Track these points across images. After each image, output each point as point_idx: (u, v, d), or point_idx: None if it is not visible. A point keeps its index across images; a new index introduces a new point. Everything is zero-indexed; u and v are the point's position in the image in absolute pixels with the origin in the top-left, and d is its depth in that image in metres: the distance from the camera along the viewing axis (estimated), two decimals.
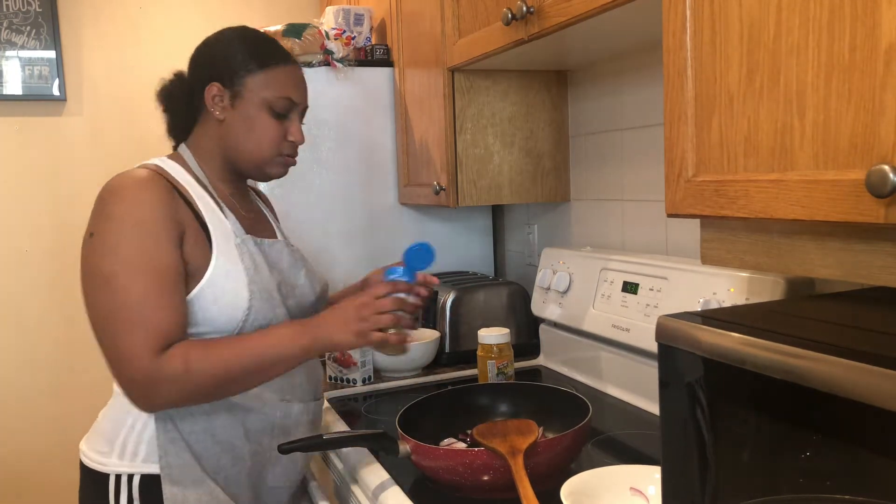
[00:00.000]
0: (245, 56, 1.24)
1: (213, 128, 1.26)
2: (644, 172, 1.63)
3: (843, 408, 0.59)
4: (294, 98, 1.27)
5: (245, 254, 1.21)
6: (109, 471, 1.19)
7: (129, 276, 1.09)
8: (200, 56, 1.28)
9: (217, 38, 1.29)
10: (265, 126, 1.24)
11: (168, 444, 1.16)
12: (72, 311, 2.80)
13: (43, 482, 2.77)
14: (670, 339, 0.77)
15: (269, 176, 1.30)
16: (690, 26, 0.82)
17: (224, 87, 1.24)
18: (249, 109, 1.24)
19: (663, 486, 0.81)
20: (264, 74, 1.24)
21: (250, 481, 1.24)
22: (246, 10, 2.97)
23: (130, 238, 1.11)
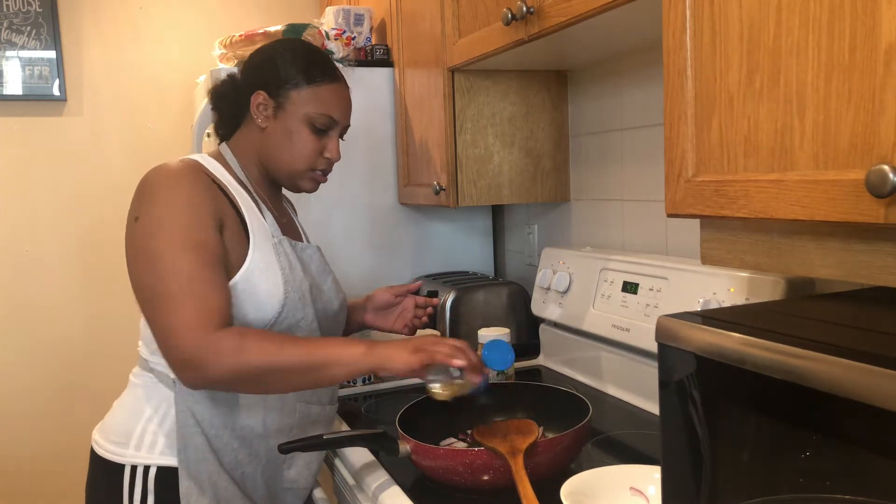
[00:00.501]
0: (294, 70, 1.26)
1: (254, 133, 1.29)
2: (644, 172, 1.63)
3: (843, 408, 0.59)
4: (335, 116, 1.29)
5: (281, 254, 1.23)
6: (125, 461, 1.19)
7: (176, 254, 1.10)
8: (253, 62, 1.32)
9: (272, 47, 1.31)
10: (304, 140, 1.26)
11: (187, 436, 1.17)
12: (74, 309, 2.81)
13: (52, 479, 2.78)
14: (670, 339, 0.77)
15: (299, 189, 1.33)
16: (690, 26, 0.82)
17: (269, 97, 1.26)
18: (291, 122, 1.26)
19: (663, 486, 0.81)
20: (310, 90, 1.26)
21: (265, 480, 1.26)
22: (246, 11, 2.97)
23: (175, 218, 1.12)
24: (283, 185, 1.33)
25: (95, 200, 2.81)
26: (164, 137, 2.88)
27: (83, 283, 2.82)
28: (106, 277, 2.83)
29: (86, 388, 2.80)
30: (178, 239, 1.10)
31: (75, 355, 2.81)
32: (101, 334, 2.84)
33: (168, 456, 1.18)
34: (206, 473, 1.18)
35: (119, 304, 2.83)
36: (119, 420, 1.24)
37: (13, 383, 2.75)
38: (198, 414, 1.18)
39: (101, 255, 2.82)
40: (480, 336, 1.63)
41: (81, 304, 2.82)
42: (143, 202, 1.15)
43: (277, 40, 1.35)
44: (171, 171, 1.17)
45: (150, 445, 1.19)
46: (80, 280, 2.81)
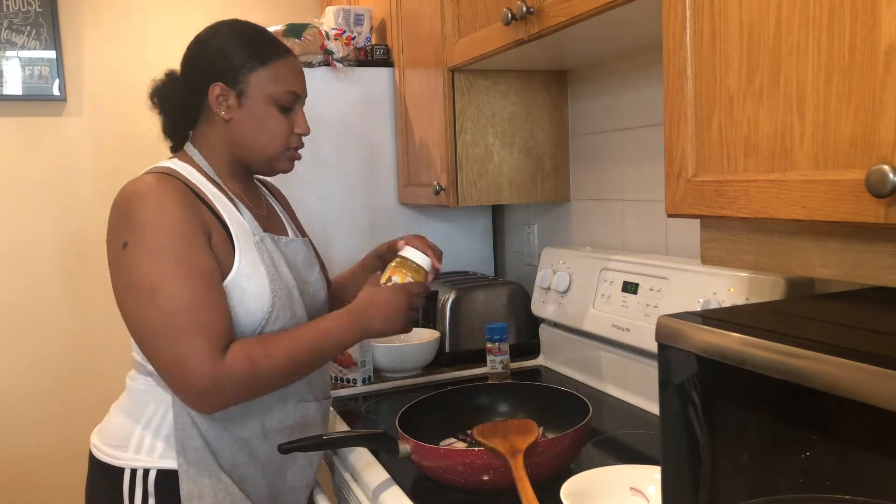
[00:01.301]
0: (245, 52, 1.22)
1: (218, 127, 1.25)
2: (644, 172, 1.63)
3: (843, 408, 0.59)
4: (298, 90, 1.26)
5: (264, 252, 1.22)
6: (124, 465, 1.18)
7: (175, 283, 1.08)
8: (196, 55, 1.26)
9: (212, 34, 1.26)
10: (274, 122, 1.23)
11: (186, 439, 1.16)
12: (72, 310, 2.81)
13: (51, 482, 2.77)
14: (670, 339, 0.77)
15: (275, 171, 1.29)
16: (690, 26, 0.82)
17: (228, 87, 1.21)
18: (256, 107, 1.22)
19: (663, 486, 0.81)
20: (267, 70, 1.22)
21: (266, 480, 1.25)
22: (246, 11, 2.97)
23: (167, 245, 1.10)
24: (259, 171, 1.30)
25: (95, 200, 2.81)
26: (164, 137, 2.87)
27: (83, 283, 2.81)
28: (105, 278, 2.82)
29: (83, 391, 2.80)
30: (174, 266, 1.09)
31: (74, 357, 2.81)
32: (100, 335, 2.84)
33: (167, 459, 1.17)
34: (206, 475, 1.17)
35: None
36: (117, 424, 1.23)
37: (10, 386, 2.75)
38: (196, 417, 1.17)
39: (101, 255, 2.80)
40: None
41: (80, 305, 2.82)
42: (128, 226, 1.12)
43: (211, 26, 1.28)
44: (148, 189, 1.13)
45: (149, 448, 1.18)
46: (79, 280, 2.81)
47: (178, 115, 1.29)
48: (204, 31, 1.28)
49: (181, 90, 1.27)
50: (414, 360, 1.83)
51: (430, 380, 1.82)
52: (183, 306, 1.08)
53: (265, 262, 1.21)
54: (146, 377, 1.22)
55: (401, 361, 1.82)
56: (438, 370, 1.89)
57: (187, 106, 1.27)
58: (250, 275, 1.18)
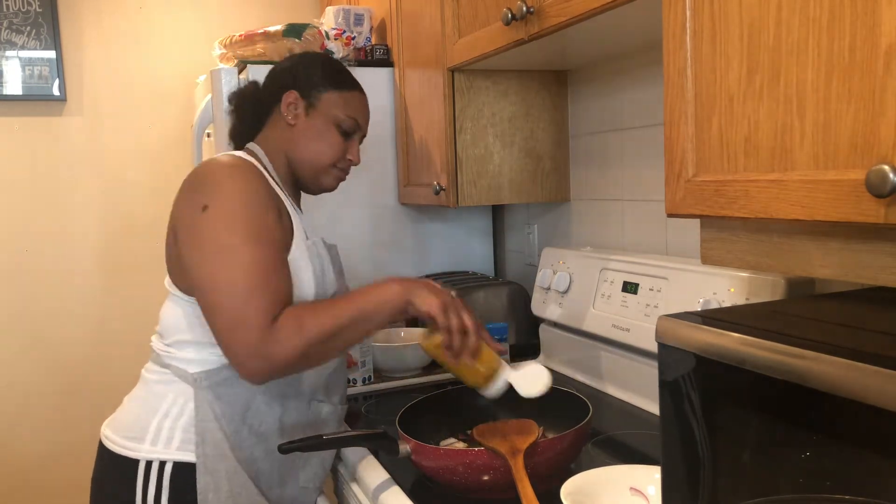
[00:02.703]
0: (325, 76, 1.35)
1: (282, 131, 1.34)
2: (644, 172, 1.63)
3: (843, 408, 0.59)
4: (360, 122, 1.38)
5: (315, 255, 1.27)
6: (140, 457, 1.19)
7: (249, 245, 1.12)
8: (283, 68, 1.38)
9: (302, 56, 1.41)
10: (331, 139, 1.34)
11: (206, 431, 1.18)
12: (74, 309, 2.81)
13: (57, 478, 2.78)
14: (670, 339, 0.77)
15: (321, 187, 1.38)
16: (690, 26, 0.82)
17: (301, 97, 1.33)
18: (320, 121, 1.33)
19: (663, 486, 0.81)
20: (339, 95, 1.35)
21: (280, 477, 1.27)
22: (246, 11, 2.97)
23: (247, 210, 1.15)
24: (306, 182, 1.37)
25: (95, 200, 2.81)
26: (164, 137, 2.88)
27: (84, 282, 2.82)
28: (107, 276, 2.83)
29: (83, 390, 2.80)
30: (253, 232, 1.13)
31: (79, 355, 2.81)
32: (105, 333, 2.84)
33: (184, 451, 1.19)
34: (223, 469, 1.18)
35: (121, 303, 2.83)
36: (133, 415, 1.24)
37: (9, 384, 2.75)
38: (217, 409, 1.19)
39: (101, 254, 2.82)
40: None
41: (83, 304, 2.82)
42: (209, 192, 1.16)
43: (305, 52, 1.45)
44: (229, 164, 1.20)
45: (166, 441, 1.19)
46: (80, 280, 2.81)
47: (248, 119, 1.39)
48: (298, 53, 1.44)
49: (257, 96, 1.38)
50: (414, 360, 1.83)
51: (430, 380, 1.82)
52: (252, 268, 1.11)
53: (314, 264, 1.25)
54: (164, 369, 1.23)
55: (401, 361, 1.82)
56: (438, 370, 1.88)
57: (257, 112, 1.37)
58: (298, 270, 1.22)
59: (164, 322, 1.25)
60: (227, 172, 1.18)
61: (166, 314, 1.25)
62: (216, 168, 1.19)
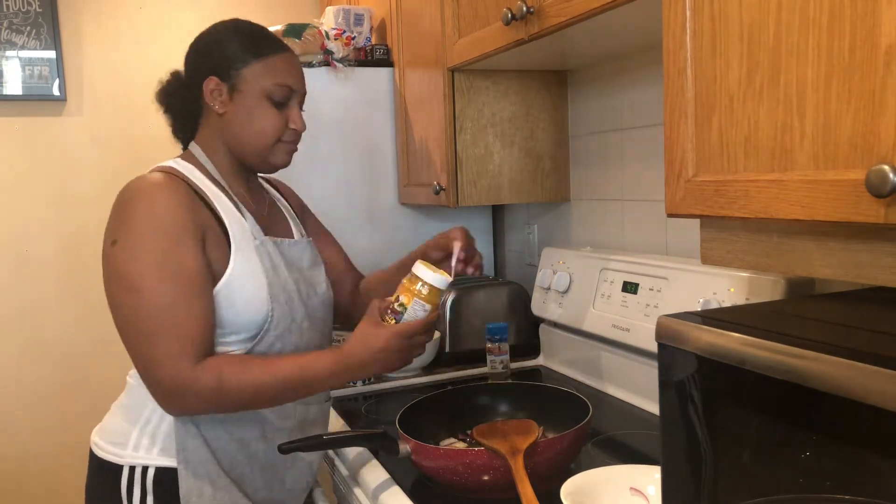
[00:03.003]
0: (240, 48, 1.22)
1: (215, 122, 1.25)
2: (644, 172, 1.63)
3: (843, 408, 0.59)
4: (292, 85, 1.25)
5: (264, 255, 1.21)
6: (123, 462, 1.19)
7: (156, 281, 1.09)
8: (195, 52, 1.27)
9: (209, 32, 1.28)
10: (266, 115, 1.23)
11: (186, 437, 1.17)
12: (73, 310, 2.81)
13: (49, 481, 2.78)
14: (670, 339, 0.77)
15: (273, 166, 1.28)
16: (690, 26, 0.82)
17: (221, 81, 1.22)
18: (248, 100, 1.22)
19: (663, 486, 0.81)
20: (260, 64, 1.22)
21: (265, 482, 1.25)
22: (246, 11, 2.96)
23: (155, 243, 1.11)
24: (256, 166, 1.28)
25: (95, 200, 2.81)
26: (164, 137, 2.86)
27: (83, 282, 2.81)
28: None
29: (83, 390, 2.80)
30: (157, 267, 1.10)
31: (74, 356, 2.81)
32: (99, 335, 2.83)
33: (166, 457, 1.18)
34: (205, 474, 1.17)
35: None
36: (117, 421, 1.24)
37: (10, 385, 2.75)
38: (196, 417, 1.17)
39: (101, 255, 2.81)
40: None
41: (80, 305, 2.81)
42: (121, 224, 1.14)
43: (212, 25, 1.29)
44: (147, 188, 1.15)
45: (147, 446, 1.19)
46: (80, 280, 2.81)
47: (183, 114, 1.31)
48: (205, 30, 1.30)
49: (183, 88, 1.29)
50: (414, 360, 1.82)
51: (430, 380, 1.82)
52: (158, 308, 1.09)
53: (265, 265, 1.20)
54: None
55: None
56: (438, 370, 1.89)
57: (190, 104, 1.28)
58: (247, 277, 1.18)
59: None
60: (141, 201, 1.13)
61: None
62: (131, 196, 1.15)
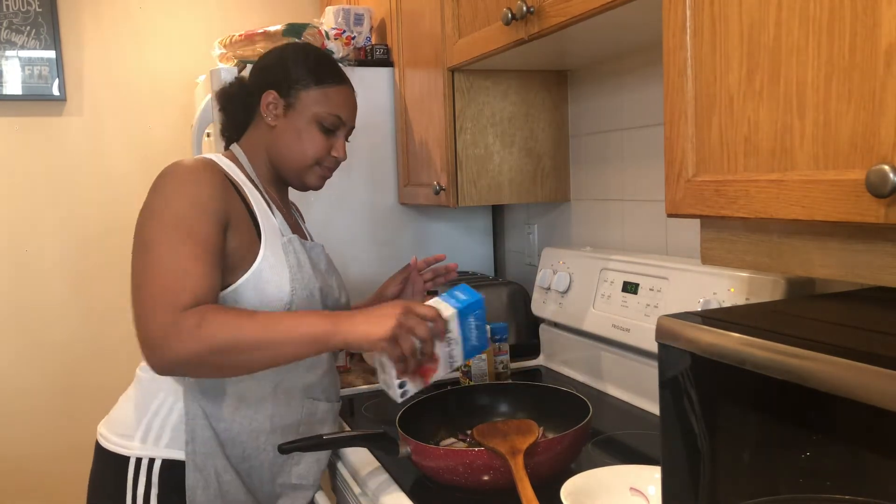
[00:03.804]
0: (304, 70, 1.30)
1: (263, 132, 1.32)
2: (644, 172, 1.63)
3: (843, 408, 0.59)
4: (343, 117, 1.33)
5: (290, 252, 1.25)
6: (130, 454, 1.20)
7: (162, 238, 1.11)
8: (263, 64, 1.36)
9: (282, 49, 1.36)
10: (312, 139, 1.30)
11: (196, 428, 1.18)
12: (74, 308, 2.81)
13: (53, 479, 2.78)
14: (670, 339, 0.77)
15: (306, 185, 1.35)
16: (690, 26, 0.82)
17: (280, 96, 1.30)
18: (300, 121, 1.30)
19: (663, 486, 0.81)
20: (319, 91, 1.30)
21: (272, 475, 1.27)
22: (246, 10, 2.97)
23: (175, 207, 1.13)
24: (291, 182, 1.36)
25: (95, 200, 2.81)
26: (164, 137, 2.88)
27: (83, 282, 2.81)
28: (106, 277, 2.82)
29: (86, 388, 2.80)
30: (170, 227, 1.11)
31: (76, 355, 2.81)
32: (102, 334, 2.84)
33: (173, 449, 1.19)
34: (212, 467, 1.19)
35: (119, 304, 2.83)
36: (125, 413, 1.25)
37: (13, 383, 2.75)
38: (206, 407, 1.19)
39: (101, 254, 2.82)
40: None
41: (82, 304, 2.82)
42: (152, 193, 1.17)
43: (288, 44, 1.39)
44: (184, 167, 1.18)
45: (155, 438, 1.20)
46: (80, 280, 2.81)
47: (235, 117, 1.37)
48: (279, 46, 1.39)
49: (242, 94, 1.35)
50: None
51: None
52: (163, 262, 1.09)
53: (290, 261, 1.24)
54: None
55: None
56: None
57: (244, 109, 1.35)
58: (273, 268, 1.21)
59: None
60: (174, 176, 1.17)
61: None
62: (167, 172, 1.18)
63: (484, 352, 1.38)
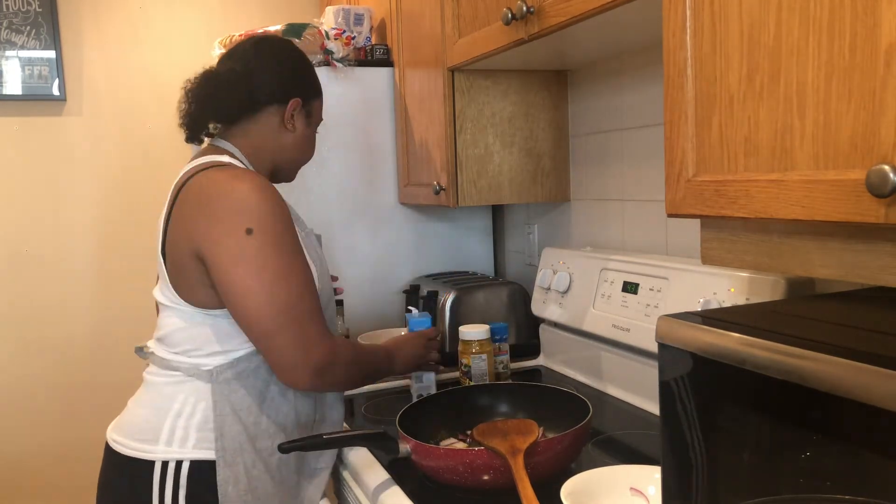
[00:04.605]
0: (317, 83, 1.40)
1: (275, 133, 1.34)
2: (644, 172, 1.63)
3: (843, 408, 0.59)
4: None
5: (310, 246, 1.31)
6: (156, 458, 1.20)
7: (298, 269, 1.19)
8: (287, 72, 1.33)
9: (302, 56, 1.39)
10: (314, 144, 1.43)
11: (225, 425, 1.19)
12: (73, 309, 2.81)
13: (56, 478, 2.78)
14: (670, 339, 0.77)
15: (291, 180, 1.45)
16: (690, 26, 0.82)
17: (303, 105, 1.36)
18: (312, 128, 1.41)
19: (663, 486, 0.81)
20: (321, 101, 1.42)
21: (296, 464, 1.29)
22: (246, 10, 2.97)
23: (286, 234, 1.19)
24: (285, 179, 1.43)
25: (95, 200, 2.81)
26: (164, 137, 2.88)
27: (84, 282, 2.81)
28: (106, 276, 2.83)
29: (87, 388, 2.80)
30: (294, 255, 1.19)
31: (77, 355, 2.81)
32: (103, 334, 2.84)
33: (200, 449, 1.20)
34: (241, 462, 1.20)
35: (120, 303, 2.83)
36: (142, 418, 1.24)
37: (13, 383, 2.75)
38: (235, 402, 1.20)
39: (102, 254, 2.82)
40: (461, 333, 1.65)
41: (82, 304, 2.82)
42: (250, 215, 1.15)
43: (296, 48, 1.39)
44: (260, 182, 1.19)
45: (181, 440, 1.20)
46: (80, 279, 2.81)
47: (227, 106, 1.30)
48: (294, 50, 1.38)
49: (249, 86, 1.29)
50: None
51: None
52: (306, 291, 1.19)
53: (311, 255, 1.29)
54: (172, 371, 1.23)
55: None
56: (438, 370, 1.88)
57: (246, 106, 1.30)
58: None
59: (172, 338, 1.24)
60: (261, 192, 1.17)
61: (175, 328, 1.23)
62: (247, 186, 1.17)
63: None
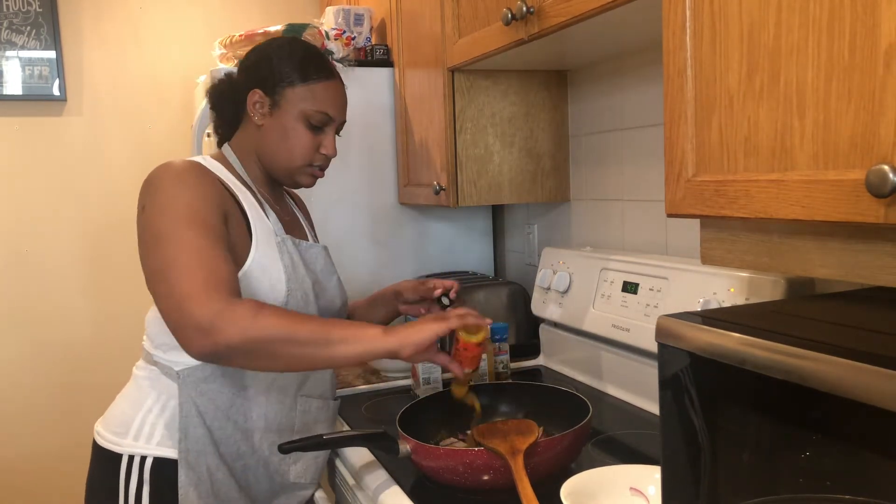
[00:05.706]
0: (289, 68, 1.27)
1: (252, 131, 1.31)
2: (644, 172, 1.63)
3: (843, 408, 0.59)
4: (331, 113, 1.29)
5: (285, 252, 1.24)
6: (123, 451, 1.21)
7: (181, 230, 1.10)
8: (249, 61, 1.32)
9: (268, 45, 1.32)
10: (299, 137, 1.27)
11: (189, 427, 1.18)
12: (73, 309, 2.81)
13: (55, 478, 2.78)
14: (670, 339, 0.77)
15: (297, 184, 1.33)
16: (690, 26, 0.82)
17: (265, 95, 1.27)
18: (286, 119, 1.27)
19: (663, 486, 0.81)
20: (305, 88, 1.27)
21: (268, 474, 1.27)
22: (246, 11, 2.97)
23: (179, 199, 1.13)
24: (281, 181, 1.34)
25: (95, 200, 2.81)
26: (164, 137, 2.88)
27: (84, 282, 2.81)
28: (106, 277, 2.82)
29: (87, 388, 2.80)
30: (184, 217, 1.11)
31: (77, 355, 2.81)
32: (102, 334, 2.84)
33: (165, 447, 1.20)
34: (204, 465, 1.19)
35: (120, 303, 2.83)
36: (120, 411, 1.26)
37: (13, 383, 2.75)
38: (201, 405, 1.19)
39: (102, 254, 2.82)
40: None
41: (82, 304, 2.82)
42: (149, 194, 1.16)
43: (273, 39, 1.36)
44: (175, 167, 1.18)
45: (147, 436, 1.21)
46: (80, 280, 2.81)
47: (226, 115, 1.35)
48: (265, 41, 1.35)
49: (231, 91, 1.33)
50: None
51: None
52: (190, 249, 1.08)
53: (284, 261, 1.23)
54: (152, 366, 1.24)
55: (401, 361, 1.81)
56: None
57: (235, 107, 1.33)
58: (266, 269, 1.20)
59: (150, 328, 1.26)
60: (169, 175, 1.16)
61: (151, 320, 1.26)
62: (160, 172, 1.17)
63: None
